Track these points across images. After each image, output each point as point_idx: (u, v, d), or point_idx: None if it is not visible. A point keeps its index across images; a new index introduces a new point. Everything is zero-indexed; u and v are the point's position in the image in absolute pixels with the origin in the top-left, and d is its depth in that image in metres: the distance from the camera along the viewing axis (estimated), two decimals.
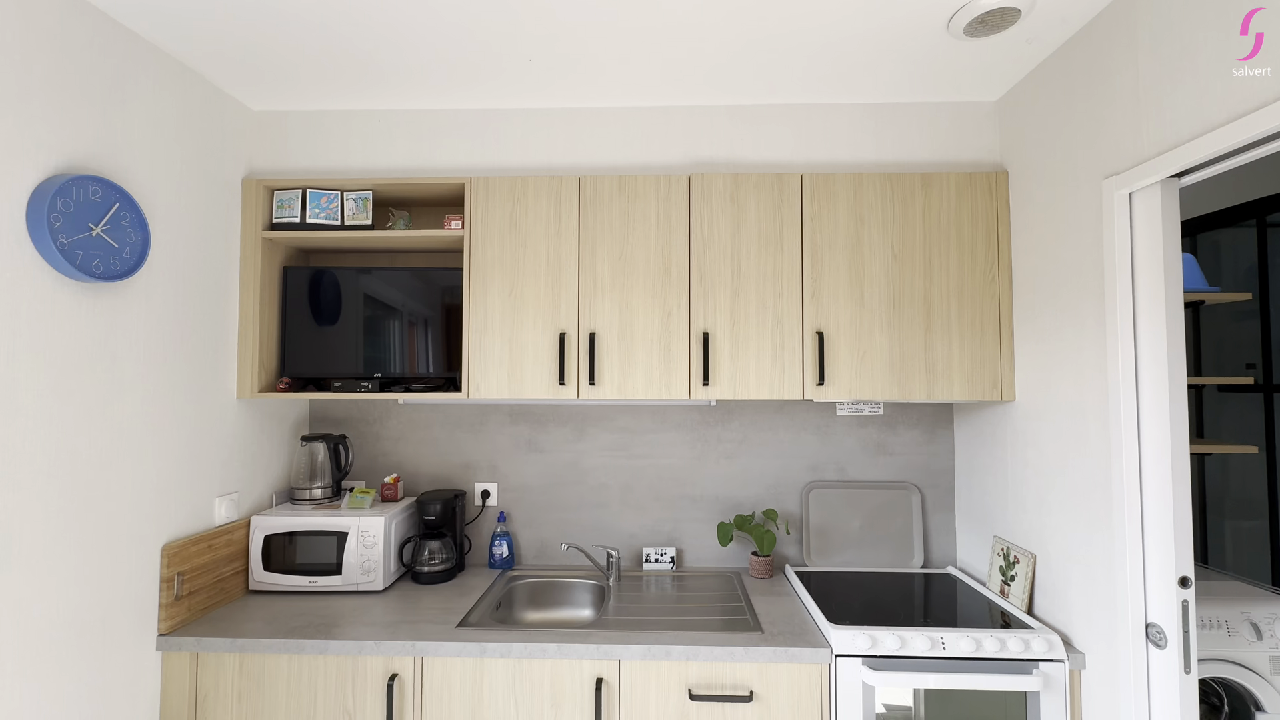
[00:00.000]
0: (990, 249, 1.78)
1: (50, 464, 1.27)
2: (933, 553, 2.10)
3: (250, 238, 1.84)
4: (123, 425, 1.44)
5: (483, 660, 1.51)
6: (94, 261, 1.34)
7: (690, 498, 2.14)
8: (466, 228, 1.82)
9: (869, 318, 1.78)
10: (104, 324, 1.39)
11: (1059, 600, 1.57)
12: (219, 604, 1.72)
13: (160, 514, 1.55)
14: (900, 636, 1.50)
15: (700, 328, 1.79)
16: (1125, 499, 1.33)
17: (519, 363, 1.80)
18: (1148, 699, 1.30)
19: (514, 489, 2.16)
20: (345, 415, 2.19)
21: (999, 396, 1.76)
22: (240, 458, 1.84)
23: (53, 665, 1.27)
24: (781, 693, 1.49)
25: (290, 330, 1.93)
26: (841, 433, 2.14)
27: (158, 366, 1.54)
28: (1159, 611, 1.28)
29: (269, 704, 1.52)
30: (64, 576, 1.30)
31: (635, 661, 1.50)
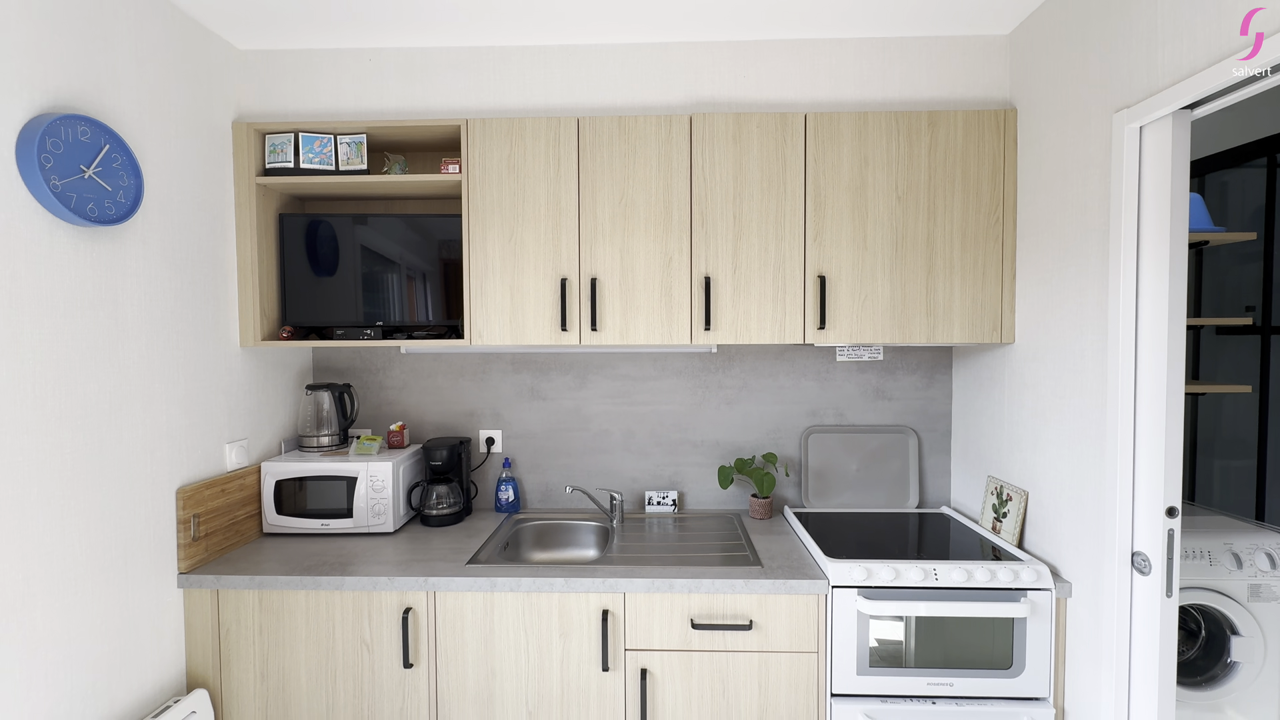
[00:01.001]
0: (996, 190, 1.76)
1: (60, 407, 1.28)
2: (928, 494, 2.16)
3: (244, 184, 1.81)
4: (129, 370, 1.45)
5: (493, 594, 1.57)
6: (88, 205, 1.32)
7: (691, 443, 2.18)
8: (464, 171, 1.79)
9: (871, 261, 1.77)
10: (103, 268, 1.39)
11: (1049, 534, 1.62)
12: (235, 545, 1.77)
13: (172, 458, 1.58)
14: (894, 568, 1.55)
15: (702, 272, 1.78)
16: (1119, 435, 1.36)
17: (521, 309, 1.80)
18: (1129, 622, 1.37)
19: (518, 436, 2.19)
20: (348, 365, 2.20)
21: (999, 339, 1.77)
22: (247, 405, 1.86)
23: (81, 598, 1.32)
24: (780, 622, 1.55)
25: (289, 279, 1.92)
26: (841, 378, 2.16)
27: (159, 313, 1.54)
28: (1145, 540, 1.33)
29: (289, 636, 1.59)
30: (83, 515, 1.33)
31: (639, 594, 1.57)
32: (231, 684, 1.60)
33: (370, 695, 1.59)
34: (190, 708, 1.52)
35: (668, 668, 1.57)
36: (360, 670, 1.59)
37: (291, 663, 1.59)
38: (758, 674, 1.56)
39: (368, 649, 1.59)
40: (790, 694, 1.56)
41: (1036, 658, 1.54)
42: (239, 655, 1.60)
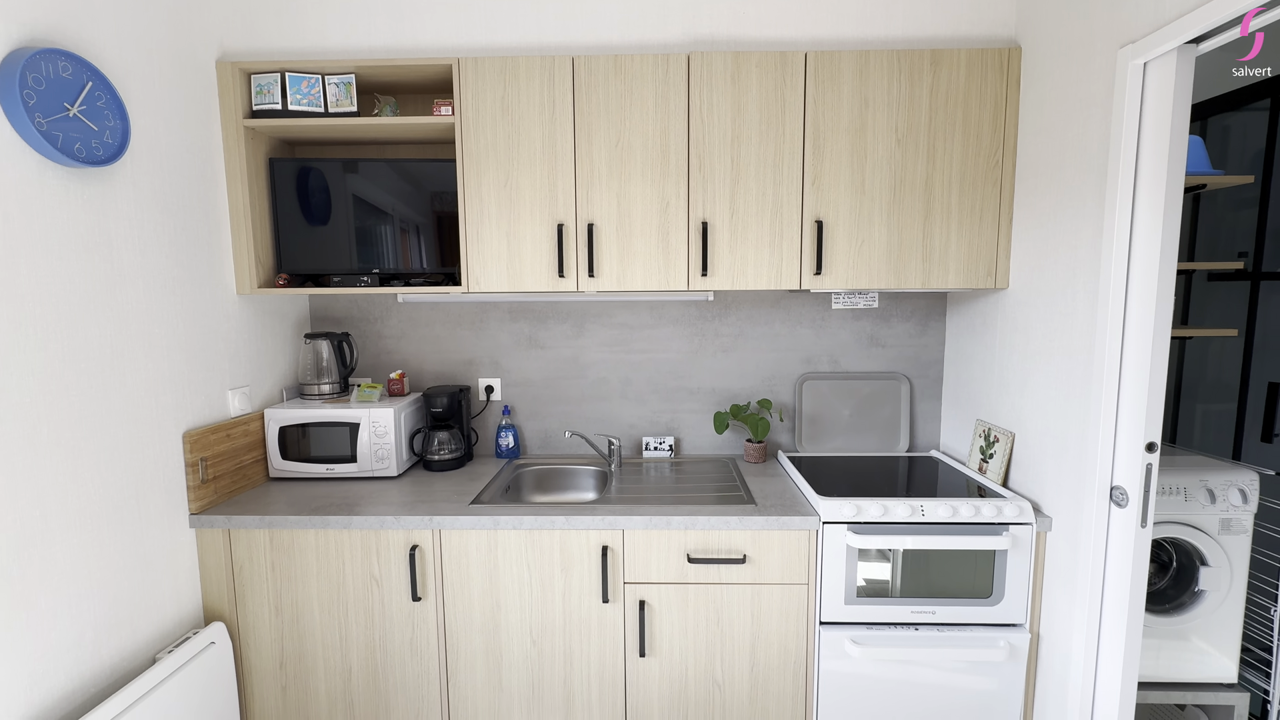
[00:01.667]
0: (996, 132, 1.74)
1: (63, 350, 1.29)
2: (918, 438, 2.22)
3: (231, 126, 1.76)
4: (127, 315, 1.46)
5: (496, 532, 1.63)
6: (75, 144, 1.29)
7: (688, 390, 2.21)
8: (456, 114, 1.75)
9: (869, 205, 1.76)
10: (95, 211, 1.37)
11: (1032, 472, 1.68)
12: (243, 489, 1.81)
13: (176, 403, 1.60)
14: (883, 505, 1.61)
15: (699, 217, 1.77)
16: (1105, 374, 1.39)
17: (518, 255, 1.80)
18: (1105, 552, 1.43)
19: (517, 384, 2.22)
20: (346, 314, 2.21)
21: (993, 284, 1.79)
22: (246, 353, 1.87)
23: (98, 535, 1.37)
24: (772, 556, 1.62)
25: (283, 226, 1.90)
26: (836, 326, 2.19)
27: (154, 258, 1.54)
28: (1124, 475, 1.38)
29: (301, 573, 1.65)
30: (93, 456, 1.36)
31: (638, 531, 1.63)
32: (247, 617, 1.67)
33: (381, 626, 1.66)
34: (209, 638, 1.59)
35: (665, 599, 1.64)
36: (371, 604, 1.66)
37: (304, 597, 1.66)
38: (750, 605, 1.64)
39: (377, 584, 1.65)
40: (781, 623, 1.64)
41: (1015, 587, 1.62)
42: (253, 590, 1.66)
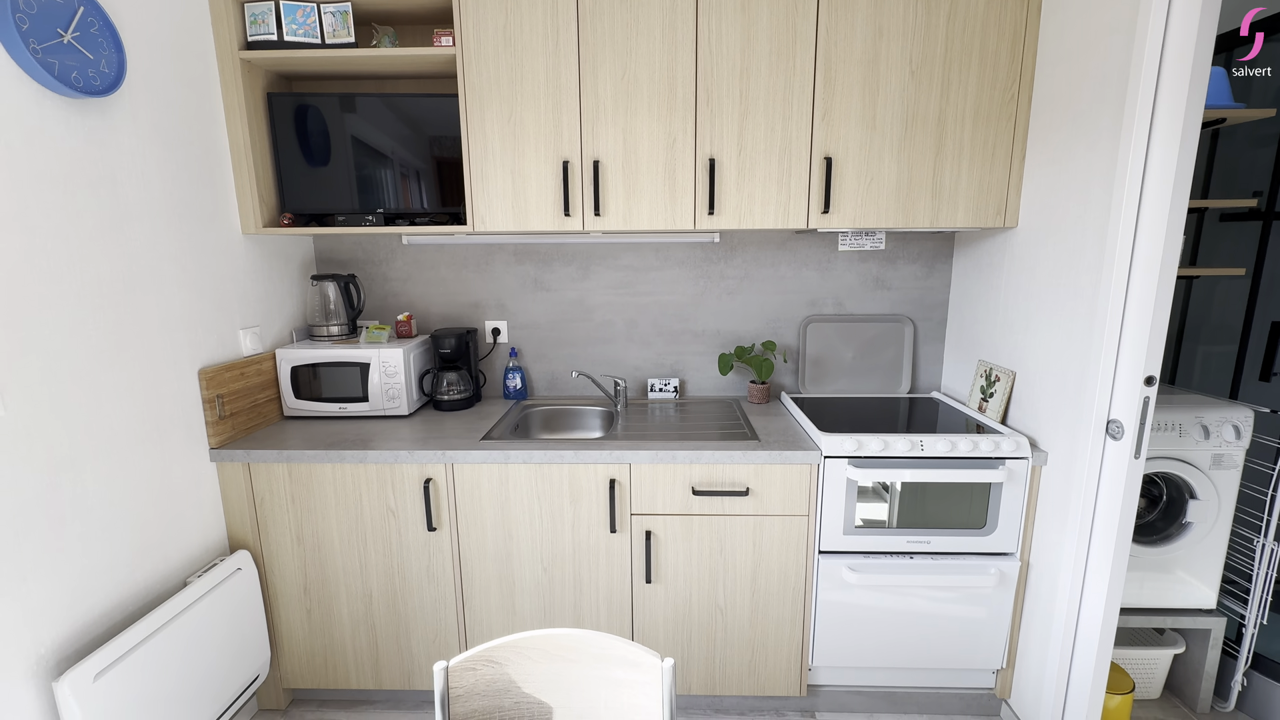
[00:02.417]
0: (1014, 62, 1.69)
1: (78, 285, 1.31)
2: (920, 380, 2.24)
3: (227, 59, 1.72)
4: (137, 252, 1.46)
5: (507, 466, 1.68)
6: (72, 73, 1.27)
7: (693, 332, 2.23)
8: (458, 44, 1.70)
9: (879, 141, 1.73)
10: (96, 144, 1.36)
11: (1031, 410, 1.71)
12: (259, 426, 1.86)
13: (190, 341, 1.62)
14: (884, 440, 1.65)
15: (706, 154, 1.74)
16: (1110, 309, 1.40)
17: (522, 194, 1.78)
18: (1097, 484, 1.48)
19: (523, 326, 2.24)
20: (351, 257, 2.21)
21: (1002, 223, 1.77)
22: (255, 293, 1.88)
23: (123, 466, 1.42)
24: (774, 489, 1.67)
25: (284, 165, 1.88)
26: (842, 268, 2.18)
27: (158, 195, 1.53)
28: (1121, 408, 1.41)
29: (319, 504, 1.71)
30: (113, 390, 1.39)
31: (644, 465, 1.67)
32: (270, 546, 1.75)
33: (399, 555, 1.74)
34: (235, 565, 1.66)
35: (670, 530, 1.71)
36: (388, 534, 1.73)
37: (324, 527, 1.73)
38: (752, 535, 1.70)
39: (393, 515, 1.72)
40: (781, 552, 1.71)
41: (1008, 518, 1.68)
42: (275, 521, 1.73)
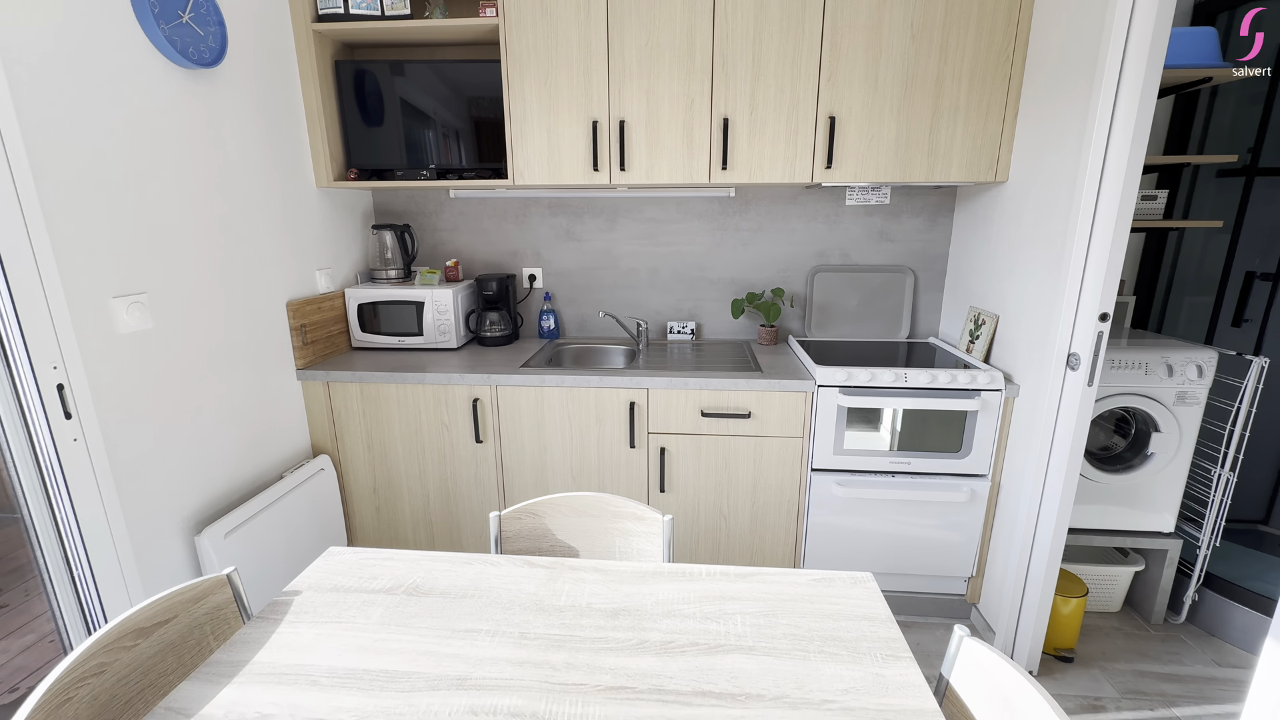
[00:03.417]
0: (1010, 26, 1.81)
1: (193, 228, 1.60)
2: (918, 326, 2.43)
3: (302, 31, 1.97)
4: (238, 200, 1.75)
5: (542, 389, 1.96)
6: (190, 47, 1.54)
7: (709, 280, 2.45)
8: (500, 15, 1.91)
9: (880, 101, 1.89)
10: (206, 109, 1.63)
11: (1009, 348, 1.90)
12: (333, 354, 2.18)
13: (278, 278, 1.93)
14: (871, 372, 1.87)
15: (721, 113, 1.93)
16: (1074, 255, 1.58)
17: (557, 150, 2.01)
18: (1057, 409, 1.68)
19: (556, 273, 2.49)
20: (404, 208, 2.48)
21: (993, 178, 1.93)
22: (326, 239, 2.18)
23: (234, 376, 1.74)
24: (773, 413, 1.92)
25: (348, 125, 2.14)
26: (849, 221, 2.36)
27: (253, 152, 1.81)
28: (1080, 343, 1.60)
29: (385, 417, 2.03)
30: (225, 315, 1.71)
31: (660, 390, 1.93)
32: (346, 452, 2.09)
33: (451, 463, 2.06)
34: (319, 466, 2.00)
35: (682, 446, 1.98)
36: (442, 444, 2.04)
37: (389, 438, 2.05)
38: (753, 453, 1.96)
39: (446, 429, 2.03)
40: (778, 468, 1.97)
41: (982, 443, 1.89)
42: (349, 432, 2.06)
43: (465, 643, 0.92)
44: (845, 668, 0.87)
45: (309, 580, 1.08)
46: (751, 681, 0.85)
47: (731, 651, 0.90)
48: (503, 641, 0.93)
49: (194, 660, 0.95)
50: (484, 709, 0.80)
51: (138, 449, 1.44)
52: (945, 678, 0.90)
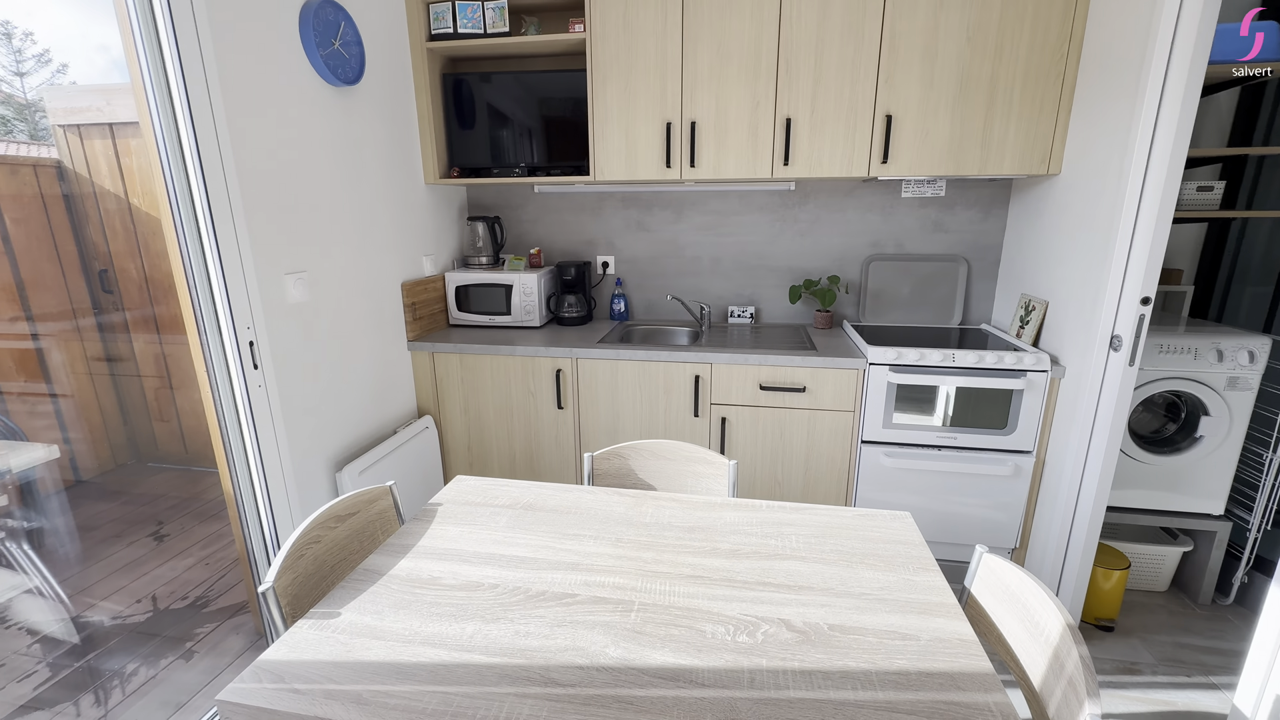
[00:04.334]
0: (1064, 26, 1.91)
1: (336, 219, 1.93)
2: (971, 313, 2.54)
3: (418, 48, 2.28)
4: (366, 195, 2.08)
5: (617, 362, 2.21)
6: (339, 68, 1.86)
7: (768, 268, 2.64)
8: (587, 30, 2.16)
9: (935, 100, 2.03)
10: (347, 119, 1.96)
11: (1057, 332, 2.01)
12: (436, 330, 2.51)
13: (395, 262, 2.26)
14: (920, 352, 2.02)
15: (784, 114, 2.12)
16: (1119, 242, 1.69)
17: (633, 149, 2.24)
18: (1099, 389, 1.79)
19: (626, 261, 2.74)
20: (493, 202, 2.78)
21: (1045, 170, 2.03)
22: (431, 229, 2.50)
23: (367, 341, 2.08)
24: (827, 387, 2.10)
25: (451, 129, 2.45)
26: (903, 213, 2.49)
27: (380, 155, 2.13)
28: (1123, 325, 1.71)
29: (480, 384, 2.33)
30: (360, 289, 2.04)
31: (723, 365, 2.15)
32: (445, 415, 2.40)
33: (535, 426, 2.34)
34: (424, 425, 2.33)
35: (741, 417, 2.18)
36: (528, 410, 2.33)
37: (483, 403, 2.35)
38: (807, 424, 2.15)
39: (532, 396, 2.31)
40: (830, 439, 2.15)
41: (1028, 422, 2.01)
42: (449, 397, 2.38)
43: (574, 542, 1.18)
44: (882, 574, 1.07)
45: (445, 497, 1.36)
46: (803, 579, 1.06)
47: (787, 559, 1.12)
48: (603, 543, 1.17)
49: (372, 544, 1.25)
50: (594, 583, 1.05)
51: (299, 397, 1.78)
52: (967, 588, 1.09)
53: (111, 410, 2.95)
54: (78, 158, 2.70)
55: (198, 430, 3.00)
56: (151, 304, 2.89)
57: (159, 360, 2.96)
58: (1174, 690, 1.76)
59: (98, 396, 2.88)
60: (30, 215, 2.49)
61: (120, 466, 3.01)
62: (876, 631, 0.93)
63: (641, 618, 0.96)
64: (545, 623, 0.95)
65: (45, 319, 2.56)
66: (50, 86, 2.55)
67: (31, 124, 2.57)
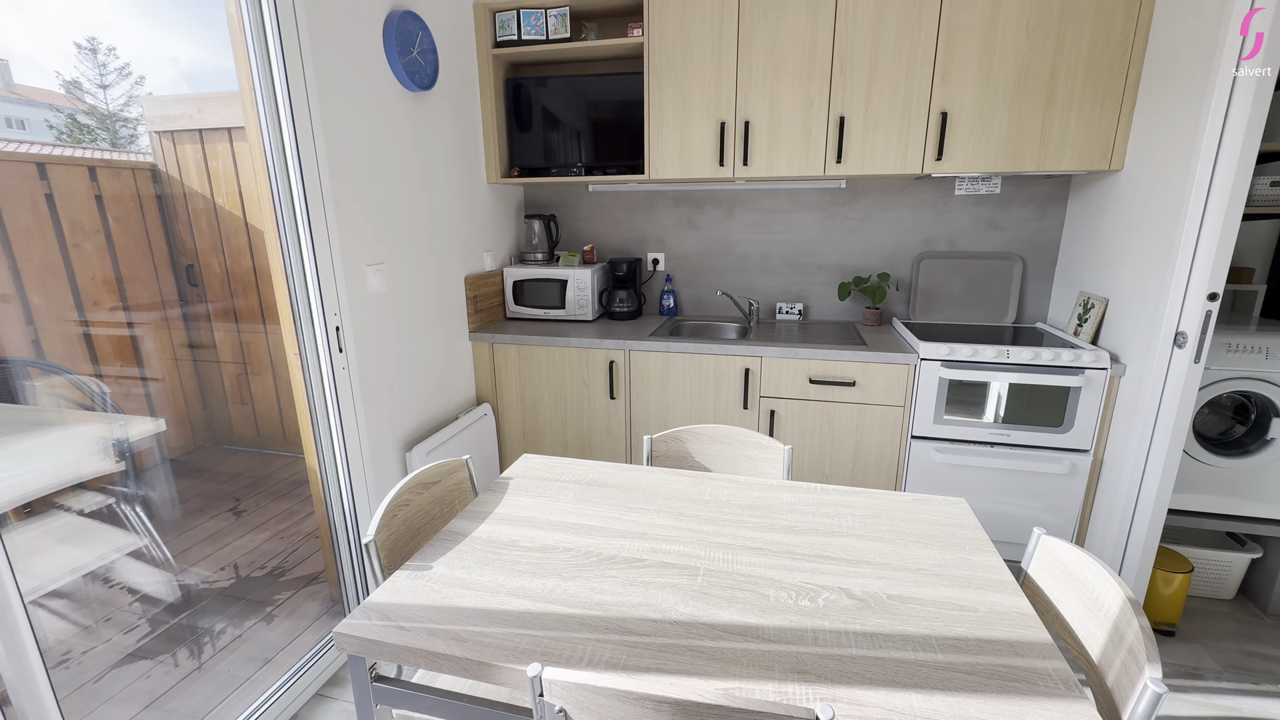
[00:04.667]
0: (1129, 19, 1.89)
1: (409, 215, 2.06)
2: (1025, 312, 2.51)
3: (484, 54, 2.41)
4: (435, 194, 2.21)
5: (668, 355, 2.28)
6: (416, 75, 1.99)
7: (817, 265, 2.67)
8: (645, 34, 2.24)
9: (992, 96, 2.03)
10: (421, 122, 2.09)
11: (1117, 330, 1.98)
12: (494, 322, 2.63)
13: (459, 256, 2.38)
14: (974, 348, 2.03)
15: (837, 113, 2.15)
16: (1185, 237, 1.66)
17: (687, 148, 2.31)
18: (1162, 387, 1.76)
19: (676, 258, 2.81)
20: (549, 201, 2.89)
21: (1107, 166, 2.01)
22: (491, 226, 2.62)
23: (430, 334, 2.20)
24: (877, 382, 2.12)
25: (511, 131, 2.57)
26: (956, 211, 2.48)
27: (449, 156, 2.26)
28: (1188, 321, 1.68)
29: (536, 374, 2.44)
30: (427, 283, 2.17)
31: (772, 359, 2.19)
32: (502, 402, 2.52)
33: (588, 415, 2.43)
34: (482, 412, 2.45)
35: (790, 410, 2.22)
36: (581, 399, 2.42)
37: (538, 392, 2.46)
38: (856, 418, 2.17)
39: (585, 386, 2.40)
40: (879, 433, 2.16)
41: (1085, 420, 1.99)
42: (506, 385, 2.49)
43: (638, 514, 1.25)
44: (938, 552, 1.11)
45: (514, 473, 1.45)
46: (860, 554, 1.11)
47: (844, 536, 1.17)
48: (666, 515, 1.24)
49: (451, 512, 1.35)
50: (660, 550, 1.12)
51: (375, 381, 1.91)
52: (1025, 570, 1.11)
53: (193, 394, 3.18)
54: (170, 161, 2.94)
55: (269, 415, 3.21)
56: (231, 296, 3.11)
57: (236, 349, 3.19)
58: (1240, 697, 1.72)
59: (182, 382, 3.11)
60: (128, 214, 2.72)
61: (199, 447, 3.24)
62: (934, 602, 0.97)
63: (707, 581, 1.02)
64: (617, 582, 1.02)
65: (139, 309, 2.79)
66: (149, 97, 2.80)
67: (112, 133, 2.79)
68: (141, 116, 2.78)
